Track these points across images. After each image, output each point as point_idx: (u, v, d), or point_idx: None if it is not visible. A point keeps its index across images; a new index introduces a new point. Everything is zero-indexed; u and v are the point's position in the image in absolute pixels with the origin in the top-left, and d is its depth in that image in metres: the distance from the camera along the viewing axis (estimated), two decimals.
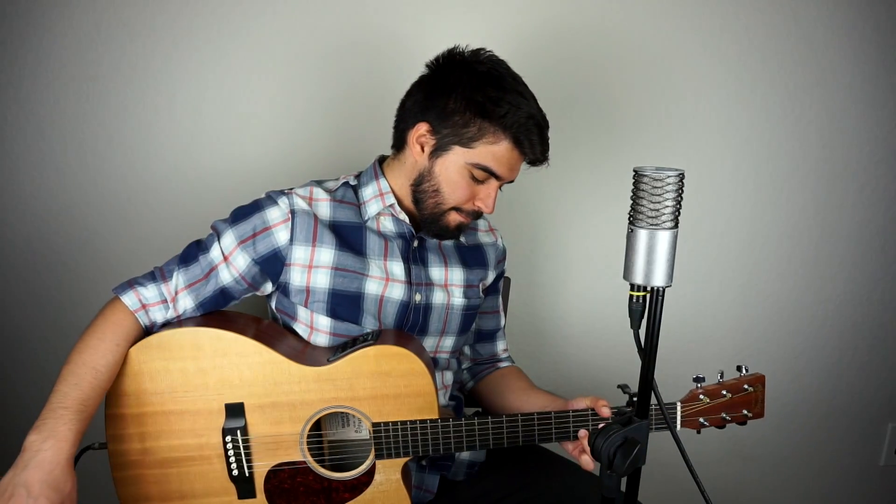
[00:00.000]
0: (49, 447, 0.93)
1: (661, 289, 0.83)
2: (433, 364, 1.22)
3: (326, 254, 1.13)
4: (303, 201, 1.15)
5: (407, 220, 1.19)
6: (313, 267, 1.13)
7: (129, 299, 1.09)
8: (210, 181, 1.53)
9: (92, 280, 1.54)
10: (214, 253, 1.13)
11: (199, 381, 1.07)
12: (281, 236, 1.13)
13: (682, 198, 0.81)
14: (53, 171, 1.48)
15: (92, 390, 1.00)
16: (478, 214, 1.17)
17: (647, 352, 0.85)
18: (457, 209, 1.15)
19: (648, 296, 0.84)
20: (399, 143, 1.18)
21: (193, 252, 1.14)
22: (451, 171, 1.11)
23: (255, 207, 1.14)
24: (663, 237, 0.81)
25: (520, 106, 1.07)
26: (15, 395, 1.58)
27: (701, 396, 1.11)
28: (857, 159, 1.74)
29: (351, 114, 1.53)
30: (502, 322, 1.39)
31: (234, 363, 1.07)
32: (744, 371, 1.13)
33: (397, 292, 1.17)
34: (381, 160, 1.24)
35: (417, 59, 1.18)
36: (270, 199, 1.15)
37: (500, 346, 1.39)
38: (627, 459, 0.85)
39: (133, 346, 1.06)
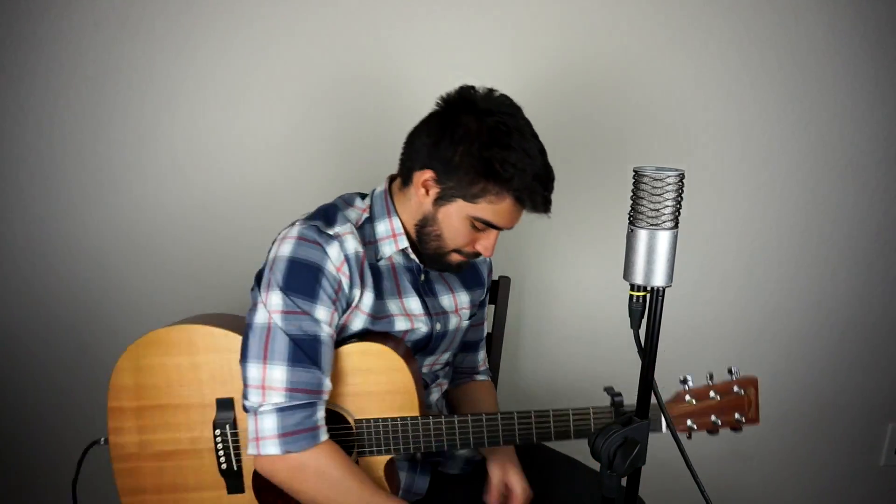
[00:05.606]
0: None
1: (661, 289, 0.83)
2: (425, 381, 1.24)
3: (367, 296, 1.12)
4: (349, 241, 1.10)
5: (417, 259, 1.19)
6: (356, 308, 1.11)
7: (309, 441, 1.02)
8: (210, 180, 1.53)
9: (91, 279, 1.54)
10: (324, 334, 1.06)
11: (192, 375, 1.10)
12: (343, 281, 1.08)
13: (682, 198, 0.81)
14: (53, 170, 1.48)
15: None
16: (477, 255, 1.18)
17: (647, 352, 0.85)
18: (457, 251, 1.16)
19: (648, 296, 0.84)
20: (406, 179, 1.16)
21: (302, 358, 1.04)
22: (454, 220, 1.12)
23: (312, 268, 1.06)
24: (663, 237, 0.81)
25: (525, 168, 1.07)
26: (15, 395, 1.58)
27: (687, 398, 1.08)
28: (857, 159, 1.74)
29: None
30: (485, 332, 1.42)
31: (226, 359, 1.09)
32: (735, 374, 1.09)
33: (422, 327, 1.18)
34: (392, 180, 1.20)
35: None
36: (317, 247, 1.07)
37: (481, 356, 1.41)
38: (627, 459, 0.85)
39: (133, 343, 1.09)
